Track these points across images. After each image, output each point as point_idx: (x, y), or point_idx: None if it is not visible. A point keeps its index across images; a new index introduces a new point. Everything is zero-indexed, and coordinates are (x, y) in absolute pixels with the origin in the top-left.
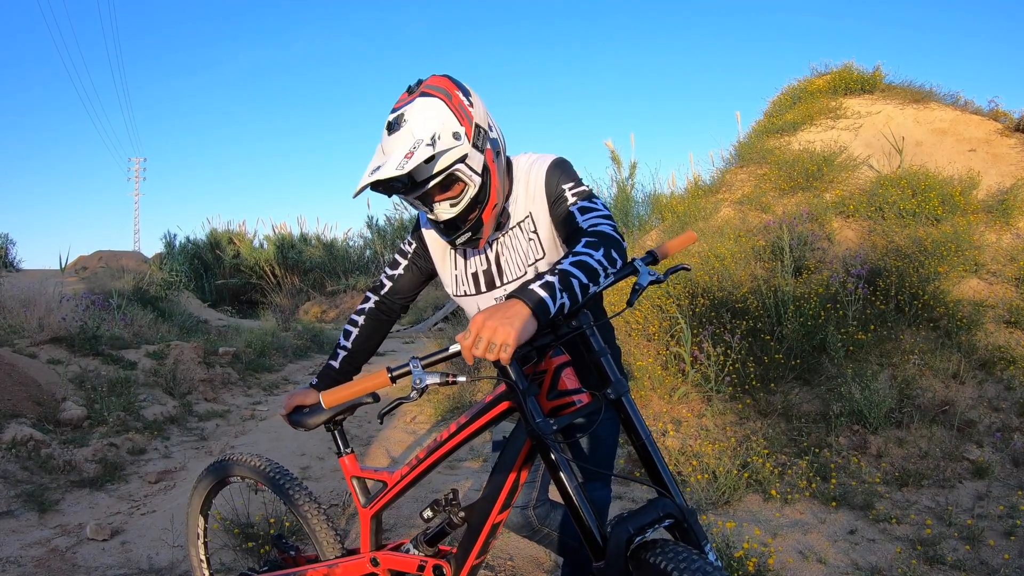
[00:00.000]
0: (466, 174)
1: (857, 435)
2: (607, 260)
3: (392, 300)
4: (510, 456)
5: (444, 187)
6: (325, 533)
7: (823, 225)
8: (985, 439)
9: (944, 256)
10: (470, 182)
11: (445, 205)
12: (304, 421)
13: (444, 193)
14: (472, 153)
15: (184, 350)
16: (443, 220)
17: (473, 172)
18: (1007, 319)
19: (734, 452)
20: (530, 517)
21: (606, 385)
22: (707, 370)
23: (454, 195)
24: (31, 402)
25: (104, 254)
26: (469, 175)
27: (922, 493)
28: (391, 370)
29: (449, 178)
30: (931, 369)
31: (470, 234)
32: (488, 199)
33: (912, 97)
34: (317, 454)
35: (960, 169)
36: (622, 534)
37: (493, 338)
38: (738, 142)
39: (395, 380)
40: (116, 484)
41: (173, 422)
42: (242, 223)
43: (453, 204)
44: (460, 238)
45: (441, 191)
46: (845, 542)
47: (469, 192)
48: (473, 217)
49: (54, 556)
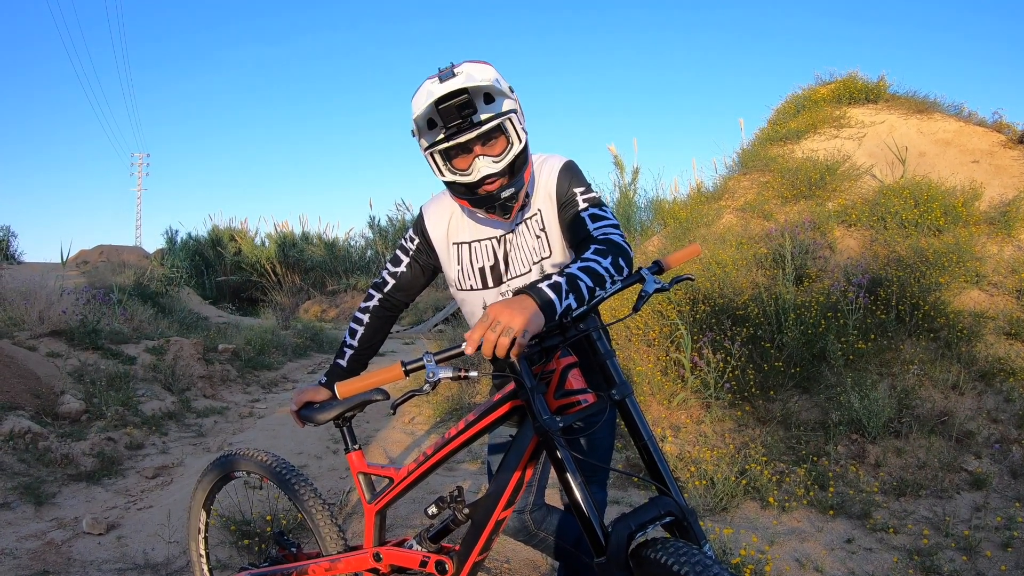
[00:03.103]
0: (517, 129)
1: (856, 444)
2: (614, 268)
3: (395, 297)
4: (516, 454)
5: (487, 140)
6: (328, 529)
7: (825, 234)
8: (983, 450)
9: (945, 267)
10: (516, 140)
11: (487, 160)
12: (314, 416)
13: (485, 147)
14: (520, 112)
15: (184, 346)
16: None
17: (522, 129)
18: (1007, 331)
19: (732, 459)
20: (527, 521)
21: (611, 386)
22: (707, 376)
23: (496, 152)
24: (29, 395)
25: (105, 248)
26: (518, 131)
27: (920, 503)
28: (405, 364)
29: (497, 129)
30: (931, 379)
31: (513, 189)
32: (528, 162)
33: (916, 107)
34: (315, 453)
35: (963, 180)
36: (623, 531)
37: (509, 323)
38: (741, 149)
39: (409, 373)
40: (113, 478)
41: (171, 418)
42: (244, 220)
43: (496, 160)
44: (506, 192)
45: (483, 144)
46: (842, 551)
47: (514, 149)
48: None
49: (50, 549)
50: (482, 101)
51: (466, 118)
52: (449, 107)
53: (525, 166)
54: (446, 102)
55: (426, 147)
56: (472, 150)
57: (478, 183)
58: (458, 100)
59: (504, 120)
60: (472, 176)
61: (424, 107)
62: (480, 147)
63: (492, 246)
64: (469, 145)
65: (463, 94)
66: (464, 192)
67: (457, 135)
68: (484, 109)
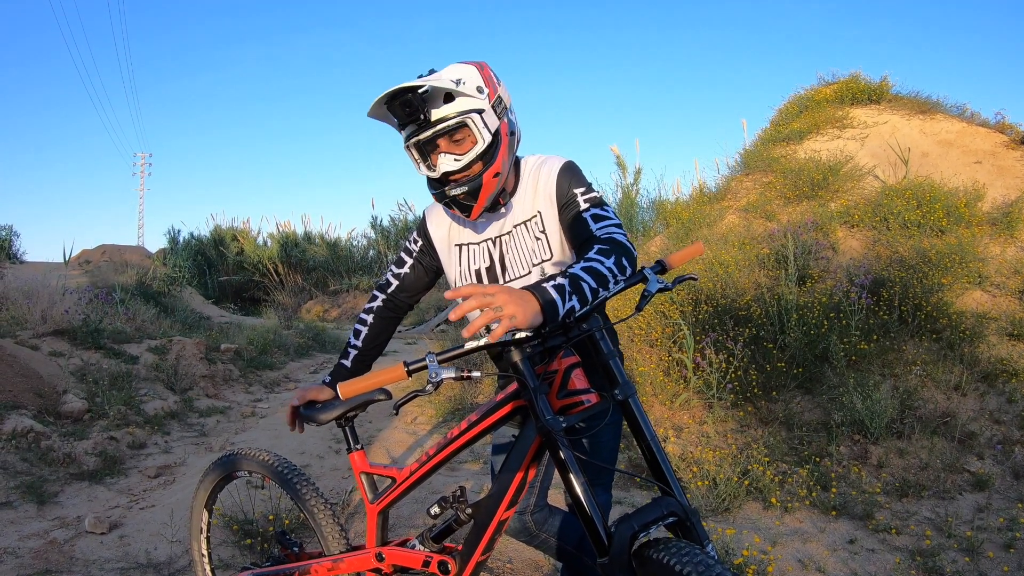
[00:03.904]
0: (478, 127)
1: (858, 445)
2: (617, 268)
3: (399, 298)
4: (519, 454)
5: (453, 137)
6: (331, 529)
7: (828, 234)
8: (986, 451)
9: (948, 268)
10: (480, 138)
11: (449, 158)
12: (316, 416)
13: (451, 144)
14: (489, 112)
15: (186, 346)
16: (442, 173)
17: (486, 128)
18: (1010, 331)
19: (735, 459)
20: (528, 522)
21: (614, 387)
22: (709, 377)
23: (460, 151)
24: (32, 394)
25: (108, 248)
26: (480, 129)
27: (922, 504)
28: (408, 364)
29: (461, 127)
30: (933, 380)
31: (465, 188)
32: (493, 163)
33: (919, 108)
34: (317, 452)
35: (965, 181)
36: (626, 531)
37: (513, 311)
38: (744, 150)
39: (411, 373)
40: (115, 478)
41: (174, 417)
42: (246, 220)
43: (457, 159)
44: (455, 189)
45: (449, 141)
46: (844, 551)
47: (477, 148)
48: (474, 171)
49: (52, 548)
50: (442, 100)
51: (416, 116)
52: (395, 106)
53: (490, 165)
54: (394, 99)
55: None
56: (439, 147)
57: (440, 180)
58: (402, 99)
59: (464, 118)
60: (435, 172)
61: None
62: (445, 143)
63: (488, 248)
64: (435, 142)
65: (407, 93)
66: (432, 188)
67: (417, 133)
68: (441, 108)
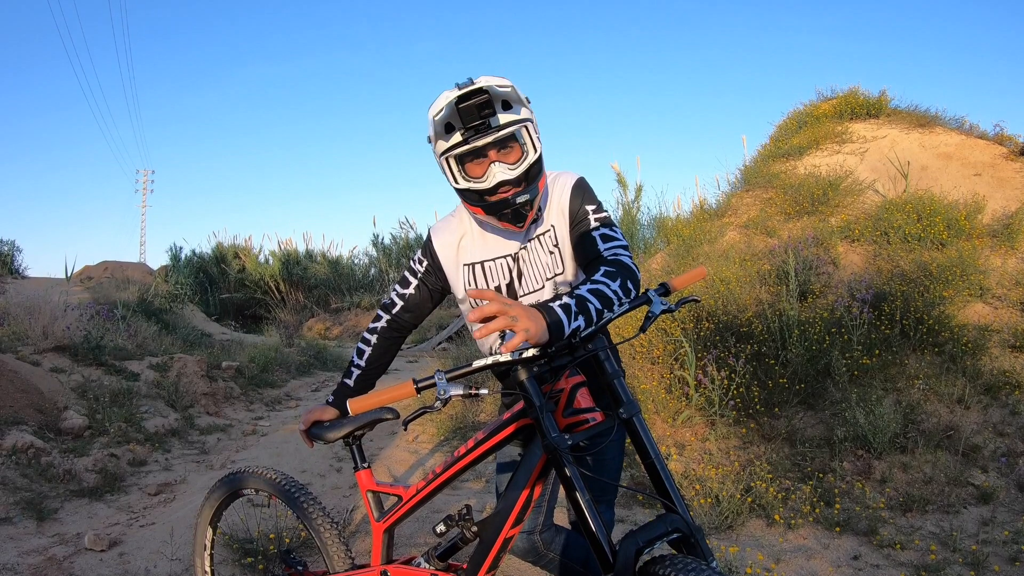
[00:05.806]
0: (532, 138)
1: (861, 460)
2: (623, 290)
3: (403, 318)
4: (525, 472)
5: (503, 148)
6: (336, 547)
7: (828, 249)
8: (990, 464)
9: (949, 280)
10: (532, 149)
11: (503, 167)
12: (324, 435)
13: (500, 154)
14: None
15: (187, 363)
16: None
17: (537, 139)
18: (1012, 343)
19: (737, 476)
20: (536, 542)
21: (619, 406)
22: (711, 394)
23: (511, 160)
24: (33, 410)
25: (110, 264)
26: (533, 141)
27: (926, 518)
28: (416, 381)
29: (512, 138)
30: (936, 394)
31: (527, 196)
32: (542, 174)
33: (917, 121)
34: (318, 471)
35: (965, 193)
36: (631, 547)
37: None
38: (744, 166)
39: (420, 391)
40: (116, 495)
41: (174, 435)
42: (248, 238)
43: (512, 168)
44: (521, 197)
45: (499, 151)
46: (849, 568)
47: (529, 157)
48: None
49: (51, 565)
50: (500, 107)
51: (485, 119)
52: (469, 107)
53: (539, 176)
54: (466, 101)
55: (442, 151)
56: (488, 156)
57: (492, 190)
58: (478, 100)
59: (521, 127)
60: (487, 182)
61: (444, 106)
62: (496, 153)
63: (507, 264)
64: (485, 151)
65: (483, 94)
66: (477, 199)
67: (475, 138)
68: (502, 114)
